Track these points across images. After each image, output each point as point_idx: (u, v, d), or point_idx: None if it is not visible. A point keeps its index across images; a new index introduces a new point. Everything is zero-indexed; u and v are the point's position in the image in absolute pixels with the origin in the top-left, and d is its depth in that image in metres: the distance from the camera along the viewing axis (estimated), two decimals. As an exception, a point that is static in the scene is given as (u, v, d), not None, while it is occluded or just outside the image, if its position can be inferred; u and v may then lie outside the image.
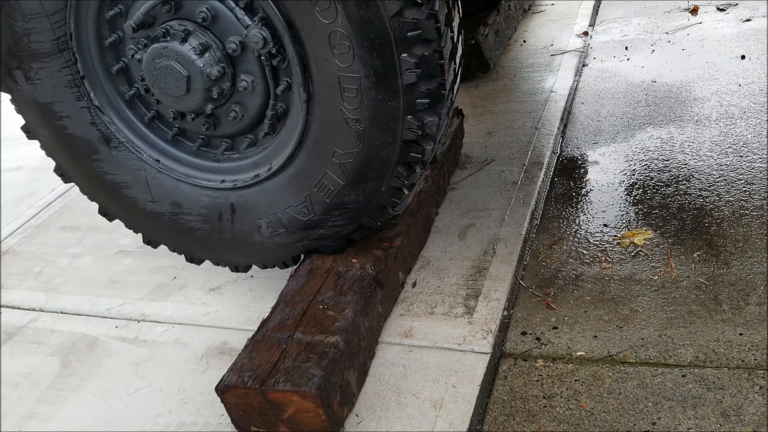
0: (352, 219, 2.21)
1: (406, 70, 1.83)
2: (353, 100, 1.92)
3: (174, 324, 2.56)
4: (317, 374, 1.87)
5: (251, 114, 2.14)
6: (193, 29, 2.01)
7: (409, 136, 1.96)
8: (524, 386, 2.01)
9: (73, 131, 2.37)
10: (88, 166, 2.44)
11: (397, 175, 2.07)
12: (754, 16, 4.02)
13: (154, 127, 2.36)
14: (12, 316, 2.81)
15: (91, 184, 2.51)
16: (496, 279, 2.40)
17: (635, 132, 3.18)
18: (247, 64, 2.04)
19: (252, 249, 2.39)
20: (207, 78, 2.02)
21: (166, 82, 2.08)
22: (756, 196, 2.56)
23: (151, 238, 2.60)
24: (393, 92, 1.88)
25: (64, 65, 2.23)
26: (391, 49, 1.80)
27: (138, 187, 2.42)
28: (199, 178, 2.34)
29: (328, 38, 1.83)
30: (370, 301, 2.18)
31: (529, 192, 2.84)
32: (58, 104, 2.32)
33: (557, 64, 3.99)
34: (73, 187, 3.76)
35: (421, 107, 1.91)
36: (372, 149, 2.00)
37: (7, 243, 3.38)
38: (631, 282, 2.31)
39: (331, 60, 1.87)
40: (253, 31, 1.91)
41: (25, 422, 2.25)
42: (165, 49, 2.03)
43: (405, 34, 1.78)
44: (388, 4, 1.73)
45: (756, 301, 2.12)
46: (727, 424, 1.77)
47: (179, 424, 2.11)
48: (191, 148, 2.35)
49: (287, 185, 2.19)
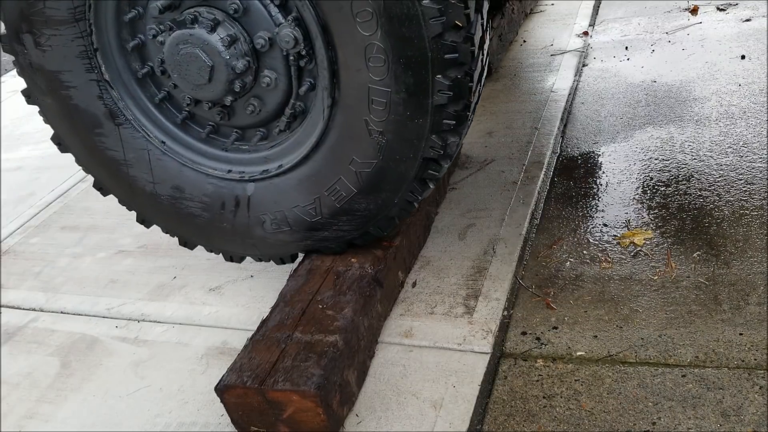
0: (359, 226, 2.21)
1: (439, 91, 1.83)
2: (380, 112, 1.91)
3: (174, 324, 2.56)
4: (316, 373, 1.87)
5: (269, 109, 2.13)
6: (223, 19, 1.99)
7: (430, 154, 1.97)
8: (524, 386, 2.01)
9: (79, 103, 2.32)
10: (89, 139, 2.39)
11: (412, 189, 2.07)
12: (754, 16, 4.02)
13: (164, 108, 2.32)
14: (12, 316, 2.81)
15: (90, 158, 2.47)
16: (496, 279, 2.40)
17: (635, 132, 3.18)
18: (272, 60, 2.02)
19: (251, 242, 2.38)
20: (231, 70, 2.00)
21: (188, 69, 2.06)
22: (756, 196, 2.55)
23: (145, 218, 2.57)
24: (422, 110, 1.88)
25: (78, 35, 2.17)
26: (427, 68, 1.80)
27: (139, 167, 2.38)
28: (205, 166, 2.31)
29: (364, 50, 1.82)
30: (370, 301, 2.18)
31: (529, 192, 2.84)
32: (66, 74, 2.26)
33: (557, 64, 3.99)
34: (73, 187, 3.77)
35: (447, 128, 1.92)
36: (391, 162, 2.01)
37: (7, 243, 3.38)
38: (631, 282, 2.30)
39: (364, 71, 1.86)
40: (285, 30, 1.90)
41: (25, 422, 2.25)
42: (191, 36, 2.00)
43: (443, 55, 1.78)
44: (431, 25, 1.73)
45: (756, 301, 2.12)
46: (727, 424, 1.77)
47: (179, 424, 2.11)
48: (200, 134, 2.32)
49: (298, 185, 2.18)
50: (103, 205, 3.53)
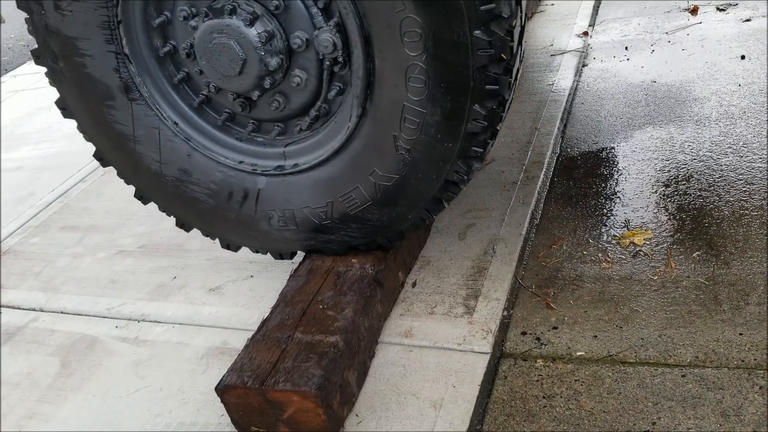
0: (368, 235, 2.21)
1: (474, 120, 1.84)
2: (411, 131, 1.91)
3: (174, 324, 2.56)
4: (317, 374, 1.87)
5: (293, 108, 2.11)
6: (262, 14, 1.95)
7: (453, 178, 1.98)
8: (524, 386, 2.01)
9: (93, 72, 2.24)
10: (98, 110, 2.32)
11: (428, 208, 2.08)
12: (754, 16, 4.02)
13: (181, 89, 2.27)
14: (12, 316, 2.81)
15: (96, 128, 2.39)
16: (496, 279, 2.40)
17: (635, 132, 3.18)
18: (305, 61, 2.00)
19: (254, 235, 2.36)
20: (264, 67, 1.98)
21: (219, 59, 2.02)
22: (756, 196, 2.56)
23: (143, 195, 2.52)
24: (454, 135, 1.89)
25: (102, 5, 2.11)
26: (467, 96, 1.81)
27: (147, 145, 2.33)
28: (217, 153, 2.27)
29: (405, 69, 1.81)
30: (370, 301, 2.18)
31: (529, 192, 2.84)
32: (84, 41, 2.19)
33: (557, 64, 3.99)
34: (74, 187, 3.77)
35: (474, 154, 1.93)
36: (413, 180, 2.01)
37: (7, 243, 3.38)
38: (631, 282, 2.31)
39: (401, 89, 1.85)
40: (325, 35, 1.88)
41: (25, 422, 2.25)
42: (228, 27, 1.96)
43: (484, 86, 1.79)
44: (478, 56, 1.73)
45: (756, 301, 2.12)
46: (727, 424, 1.77)
47: (179, 424, 2.11)
48: (215, 121, 2.27)
49: (312, 186, 2.17)
50: (103, 205, 3.53)
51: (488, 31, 1.70)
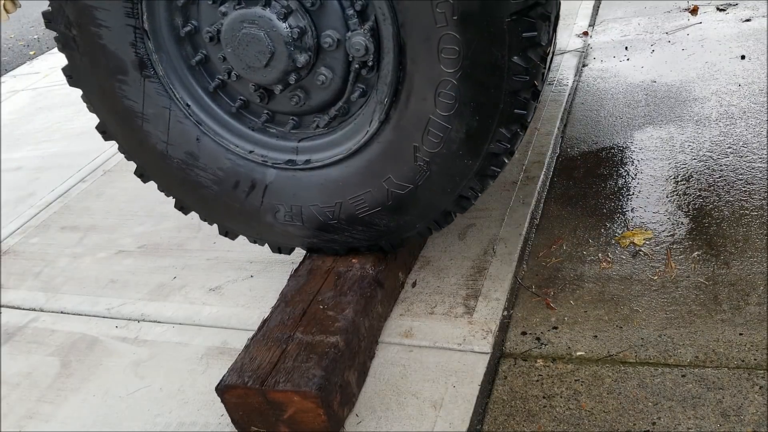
0: (372, 238, 2.21)
1: (498, 141, 1.85)
2: (433, 144, 1.91)
3: (174, 324, 2.56)
4: (317, 374, 1.87)
5: (312, 105, 2.09)
6: (296, 9, 1.91)
7: (467, 194, 1.99)
8: (524, 386, 2.01)
9: (108, 44, 2.17)
10: (107, 83, 2.25)
11: (437, 220, 2.09)
12: (754, 16, 4.02)
13: (197, 72, 2.22)
14: (12, 316, 2.81)
15: (103, 101, 2.33)
16: (496, 279, 2.40)
17: (635, 132, 3.18)
18: (333, 60, 1.97)
19: (256, 226, 2.35)
20: (292, 62, 1.96)
21: (246, 48, 1.98)
22: (756, 196, 2.56)
23: (144, 172, 2.47)
24: (475, 154, 1.89)
25: None
26: (494, 118, 1.81)
27: (156, 124, 2.28)
28: (228, 140, 2.24)
29: (437, 83, 1.81)
30: (370, 301, 2.18)
31: (529, 192, 2.84)
32: (102, 12, 2.11)
33: (557, 64, 3.99)
34: (74, 187, 3.77)
35: (491, 173, 1.95)
36: (427, 191, 2.01)
37: (7, 243, 3.38)
38: (631, 282, 2.31)
39: (429, 102, 1.85)
40: (357, 38, 1.86)
41: (25, 422, 2.25)
42: (260, 18, 1.93)
43: (513, 109, 1.79)
44: (513, 81, 1.73)
45: (756, 301, 2.12)
46: (727, 424, 1.77)
47: (179, 424, 2.11)
48: (229, 107, 2.23)
49: (322, 184, 2.15)
50: (103, 205, 3.53)
51: (526, 57, 1.71)
